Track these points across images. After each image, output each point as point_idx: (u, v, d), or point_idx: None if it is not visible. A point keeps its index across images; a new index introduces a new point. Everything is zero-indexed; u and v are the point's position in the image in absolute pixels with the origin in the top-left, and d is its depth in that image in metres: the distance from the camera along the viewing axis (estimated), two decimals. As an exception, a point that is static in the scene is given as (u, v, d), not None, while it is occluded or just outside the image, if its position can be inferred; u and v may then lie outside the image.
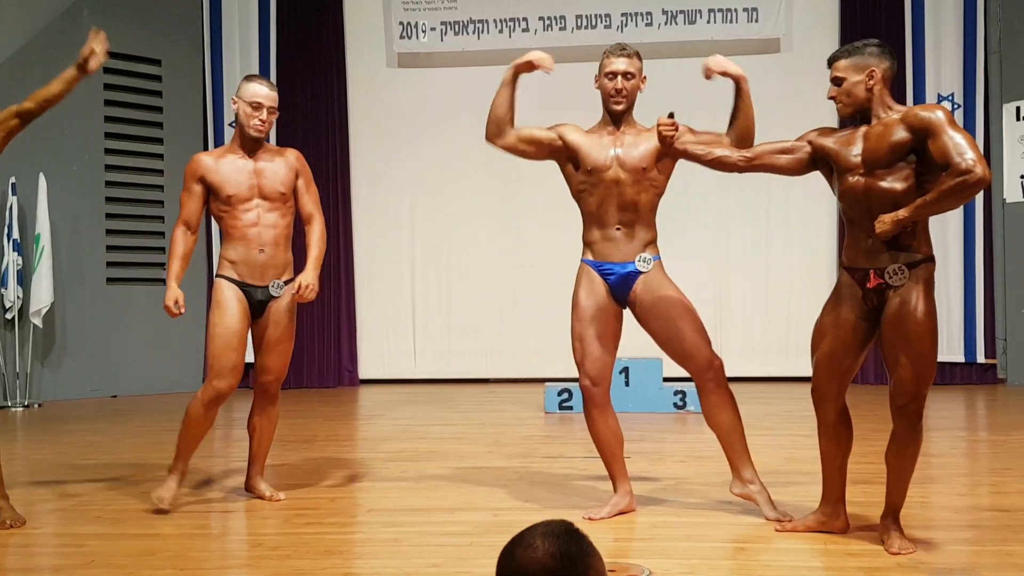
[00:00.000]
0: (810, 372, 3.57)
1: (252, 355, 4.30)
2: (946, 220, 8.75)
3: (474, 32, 9.67)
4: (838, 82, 3.45)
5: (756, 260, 9.59)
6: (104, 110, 9.04)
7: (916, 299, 3.28)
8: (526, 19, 9.61)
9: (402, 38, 9.77)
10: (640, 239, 3.99)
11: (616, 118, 4.02)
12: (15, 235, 8.31)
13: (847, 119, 3.50)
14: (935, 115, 3.23)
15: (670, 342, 3.97)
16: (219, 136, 9.63)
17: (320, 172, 7.20)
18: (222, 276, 4.27)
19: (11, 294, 8.30)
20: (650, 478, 4.67)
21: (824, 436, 3.56)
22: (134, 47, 8.99)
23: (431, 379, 9.79)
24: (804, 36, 9.44)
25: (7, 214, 8.35)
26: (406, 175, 9.87)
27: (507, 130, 3.99)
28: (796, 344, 8.89)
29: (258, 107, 4.25)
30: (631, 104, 4.03)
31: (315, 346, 9.74)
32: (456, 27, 9.70)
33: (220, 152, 4.37)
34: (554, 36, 9.51)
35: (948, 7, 9.17)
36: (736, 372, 8.67)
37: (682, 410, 7.24)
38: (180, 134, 9.49)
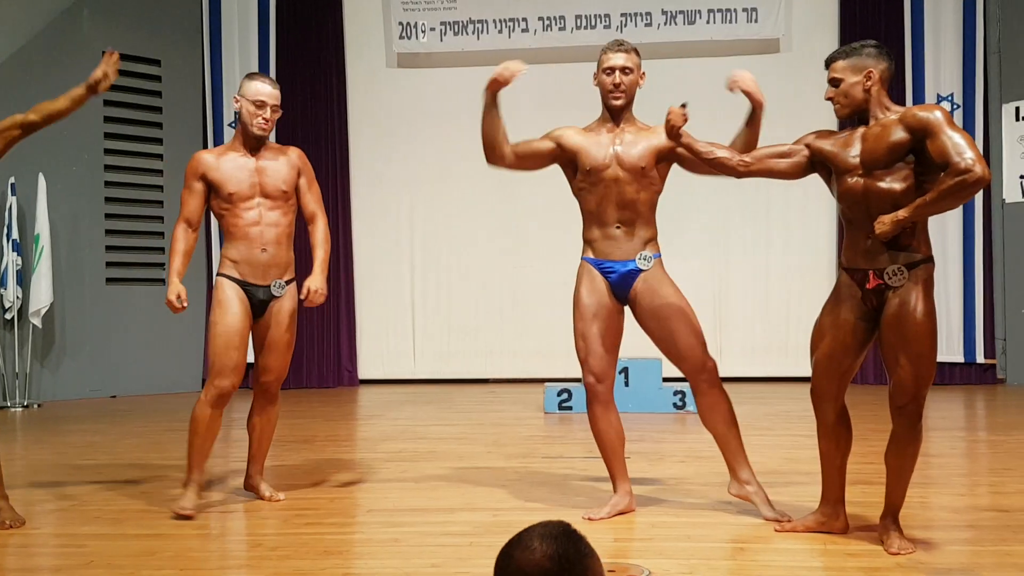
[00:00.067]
0: (809, 372, 3.57)
1: (252, 355, 4.29)
2: (946, 220, 8.75)
3: (474, 32, 9.67)
4: (836, 83, 3.45)
5: (756, 260, 9.59)
6: (104, 110, 9.04)
7: (915, 300, 3.27)
8: (525, 19, 9.60)
9: (402, 38, 9.77)
10: (640, 237, 3.99)
11: (615, 114, 4.01)
12: (14, 235, 8.31)
13: (845, 120, 3.50)
14: (933, 115, 3.23)
15: (665, 342, 3.98)
16: (219, 136, 9.63)
17: (320, 172, 7.17)
18: (224, 275, 4.25)
19: (10, 294, 8.30)
20: (649, 478, 4.68)
21: (823, 436, 3.56)
22: (134, 47, 8.98)
23: (431, 379, 9.79)
24: (804, 36, 9.44)
25: (7, 214, 8.35)
26: (406, 175, 9.87)
27: (504, 151, 3.98)
28: (795, 344, 8.90)
29: (261, 105, 4.23)
30: (630, 99, 4.02)
31: (315, 346, 9.74)
32: (456, 27, 9.70)
33: (221, 150, 4.36)
34: (553, 36, 9.53)
35: (947, 7, 9.17)
36: (736, 372, 8.75)
37: (681, 410, 7.24)
38: (180, 134, 9.49)
